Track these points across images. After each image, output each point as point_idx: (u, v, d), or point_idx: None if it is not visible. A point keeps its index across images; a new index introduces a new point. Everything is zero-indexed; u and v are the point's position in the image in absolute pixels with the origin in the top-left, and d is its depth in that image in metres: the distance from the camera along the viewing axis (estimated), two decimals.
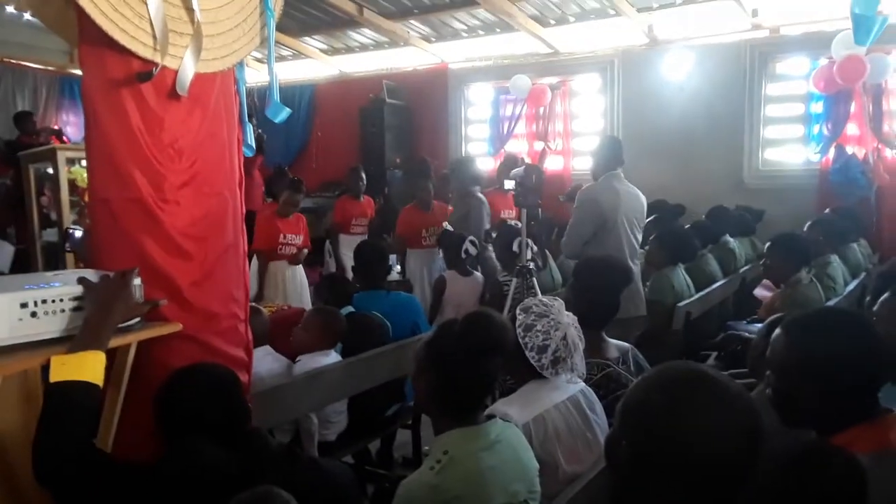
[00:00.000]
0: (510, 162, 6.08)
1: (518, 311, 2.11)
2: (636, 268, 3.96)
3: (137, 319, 1.73)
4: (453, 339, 1.73)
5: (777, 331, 1.52)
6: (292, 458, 1.59)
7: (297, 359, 3.09)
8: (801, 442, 1.37)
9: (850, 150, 6.58)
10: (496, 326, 1.74)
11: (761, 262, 3.89)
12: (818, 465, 1.19)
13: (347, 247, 5.93)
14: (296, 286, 5.39)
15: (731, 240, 5.55)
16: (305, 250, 5.49)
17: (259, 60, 7.31)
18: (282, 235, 5.31)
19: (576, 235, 3.92)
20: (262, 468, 1.49)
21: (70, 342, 1.54)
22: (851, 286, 4.35)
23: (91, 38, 1.80)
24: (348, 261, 5.80)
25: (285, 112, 2.26)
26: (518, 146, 8.38)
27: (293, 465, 1.57)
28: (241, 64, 2.20)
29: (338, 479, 1.59)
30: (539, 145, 8.22)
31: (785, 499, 1.17)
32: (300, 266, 5.48)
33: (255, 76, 2.28)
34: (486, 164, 8.51)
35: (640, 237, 4.04)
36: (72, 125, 9.27)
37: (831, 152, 6.64)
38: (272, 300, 4.93)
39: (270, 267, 5.26)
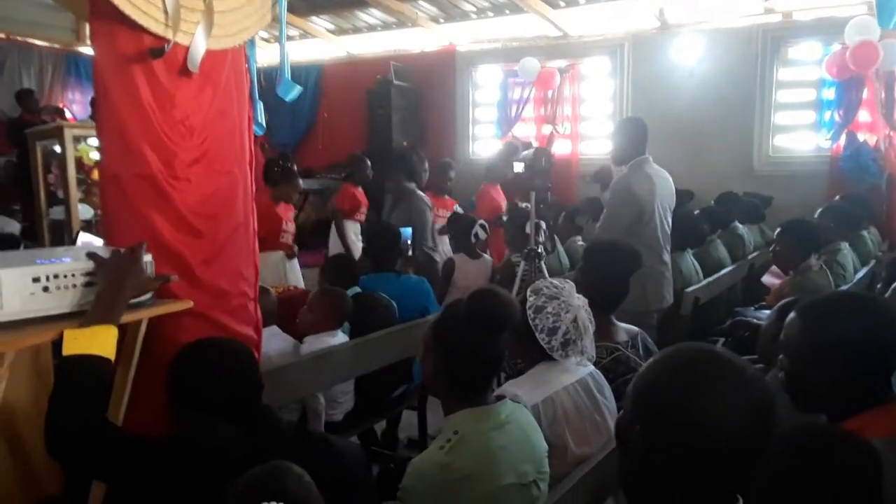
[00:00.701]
0: (510, 150, 6.01)
1: (529, 293, 2.10)
2: (668, 256, 3.85)
3: (149, 295, 1.73)
4: (459, 317, 1.73)
5: (791, 315, 1.51)
6: (302, 436, 1.59)
7: (304, 339, 3.10)
8: (812, 426, 1.36)
9: (861, 137, 6.53)
10: (502, 304, 1.73)
11: (770, 249, 3.87)
12: (832, 450, 1.18)
13: (353, 232, 5.93)
14: (297, 278, 5.25)
15: (740, 226, 5.53)
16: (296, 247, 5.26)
17: (266, 40, 7.28)
18: (284, 223, 5.19)
19: (613, 228, 3.69)
20: (272, 445, 1.49)
21: (82, 317, 1.54)
22: (861, 274, 4.33)
23: (102, 13, 1.79)
24: (354, 245, 5.79)
25: (297, 90, 2.25)
26: (526, 130, 8.34)
27: (303, 442, 1.57)
28: (251, 42, 2.19)
29: (347, 457, 1.59)
30: (547, 129, 8.17)
31: (799, 484, 1.17)
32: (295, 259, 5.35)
33: (259, 56, 2.26)
34: (493, 148, 8.52)
35: (670, 223, 3.88)
36: (77, 103, 9.25)
37: (842, 139, 6.59)
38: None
39: (270, 256, 5.11)
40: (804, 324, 1.47)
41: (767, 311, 3.19)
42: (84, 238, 3.82)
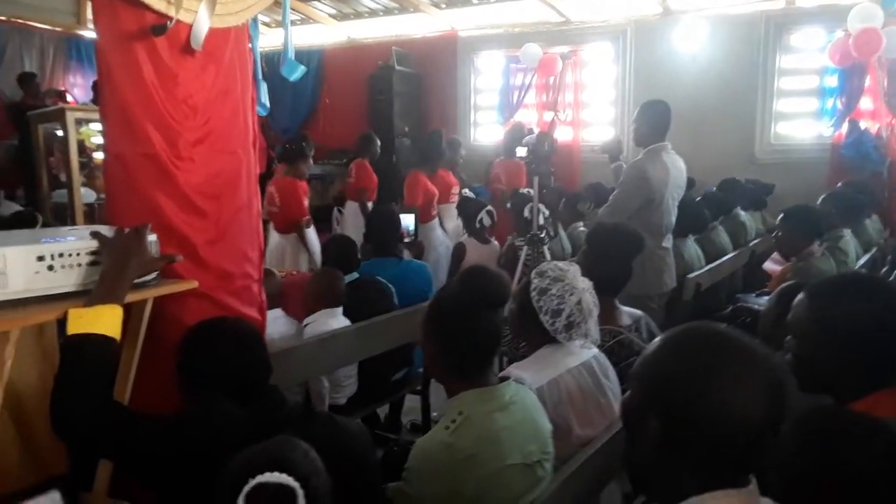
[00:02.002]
0: (517, 132, 6.04)
1: (533, 275, 2.10)
2: (669, 243, 3.85)
3: (154, 276, 1.73)
4: (452, 297, 1.73)
5: (799, 295, 1.51)
6: (309, 415, 1.59)
7: (305, 322, 3.10)
8: (823, 408, 1.36)
9: (863, 124, 6.51)
10: (493, 280, 1.73)
11: (773, 235, 3.86)
12: (849, 432, 1.18)
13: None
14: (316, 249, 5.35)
15: (742, 213, 5.53)
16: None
17: (267, 25, 7.23)
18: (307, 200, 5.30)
19: (621, 210, 3.68)
20: (279, 424, 1.49)
21: (87, 296, 1.54)
22: (863, 260, 4.32)
23: None
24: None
25: (300, 69, 2.23)
26: (528, 116, 8.30)
27: (309, 421, 1.57)
28: (255, 21, 2.18)
29: (353, 437, 1.59)
30: (549, 115, 8.13)
31: (829, 471, 1.16)
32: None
33: (261, 41, 2.25)
34: (495, 133, 8.51)
35: (676, 210, 3.86)
36: (79, 87, 9.19)
37: (844, 127, 6.57)
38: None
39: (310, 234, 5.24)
40: (812, 304, 1.47)
41: (769, 298, 3.19)
42: None
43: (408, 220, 4.58)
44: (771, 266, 4.58)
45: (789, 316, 1.53)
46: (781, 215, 3.68)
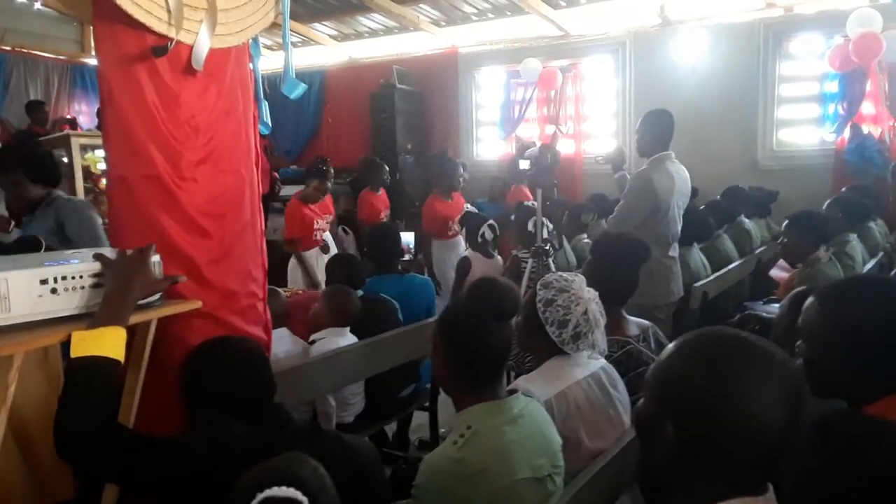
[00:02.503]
0: (522, 148, 6.08)
1: (538, 287, 2.09)
2: (676, 252, 3.84)
3: (157, 296, 1.72)
4: (462, 310, 1.73)
5: (809, 299, 1.49)
6: (316, 433, 1.58)
7: (311, 339, 3.09)
8: (837, 412, 1.34)
9: (865, 129, 6.49)
10: (503, 292, 1.72)
11: (779, 242, 3.85)
12: (863, 437, 1.16)
13: None
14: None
15: (746, 220, 5.51)
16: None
17: (268, 47, 7.29)
18: (315, 221, 5.34)
19: (627, 220, 3.68)
20: (285, 442, 1.48)
21: (90, 319, 1.53)
22: (870, 265, 4.30)
23: (105, 13, 1.79)
24: None
25: (301, 87, 2.23)
26: (529, 130, 8.33)
27: (316, 439, 1.56)
28: (255, 41, 2.19)
29: (361, 454, 1.58)
30: (551, 129, 8.16)
31: (832, 471, 1.14)
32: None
33: (262, 63, 2.26)
34: (497, 149, 8.52)
35: (681, 219, 3.85)
36: (84, 114, 9.27)
37: (847, 132, 6.56)
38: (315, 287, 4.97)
39: (305, 255, 5.29)
40: (823, 308, 1.45)
41: (776, 305, 3.16)
42: None
43: (407, 237, 4.60)
44: (777, 273, 4.56)
45: (800, 320, 1.51)
46: (786, 222, 3.67)
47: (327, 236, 5.54)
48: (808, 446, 1.16)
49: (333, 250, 5.52)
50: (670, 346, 1.11)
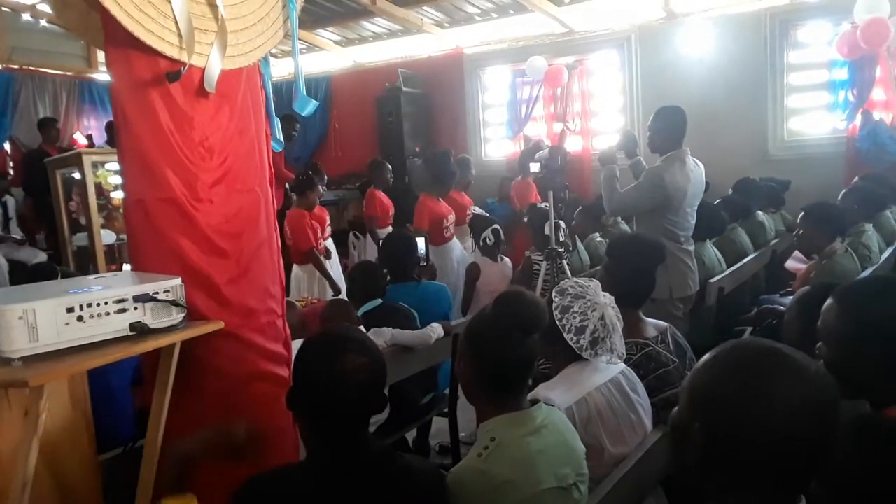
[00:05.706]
0: (533, 148, 6.09)
1: (554, 294, 2.09)
2: (691, 245, 3.84)
3: (180, 319, 1.74)
4: (488, 322, 1.73)
5: (828, 301, 1.49)
6: (389, 458, 1.56)
7: None
8: (865, 416, 1.34)
9: (877, 115, 6.43)
10: (528, 304, 1.73)
11: (794, 234, 3.82)
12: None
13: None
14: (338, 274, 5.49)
15: (759, 213, 5.48)
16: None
17: (274, 55, 7.32)
18: (319, 229, 5.37)
19: (630, 206, 3.78)
20: (362, 466, 1.48)
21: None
22: (887, 254, 4.27)
23: (117, 39, 1.81)
24: None
25: (312, 105, 2.25)
26: (537, 128, 8.32)
27: (390, 464, 1.54)
28: (265, 59, 2.20)
29: (431, 482, 1.58)
30: (558, 126, 8.15)
31: (860, 475, 1.14)
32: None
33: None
34: (505, 148, 8.52)
35: (695, 214, 3.85)
36: (93, 129, 9.32)
37: (858, 119, 6.50)
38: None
39: (308, 267, 5.32)
40: (843, 310, 1.45)
41: (787, 306, 3.15)
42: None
43: (421, 244, 4.59)
44: (793, 265, 4.54)
45: (819, 322, 1.51)
46: (802, 213, 3.64)
47: (328, 242, 5.56)
48: (842, 449, 1.15)
49: (334, 256, 5.54)
50: (707, 355, 1.12)
